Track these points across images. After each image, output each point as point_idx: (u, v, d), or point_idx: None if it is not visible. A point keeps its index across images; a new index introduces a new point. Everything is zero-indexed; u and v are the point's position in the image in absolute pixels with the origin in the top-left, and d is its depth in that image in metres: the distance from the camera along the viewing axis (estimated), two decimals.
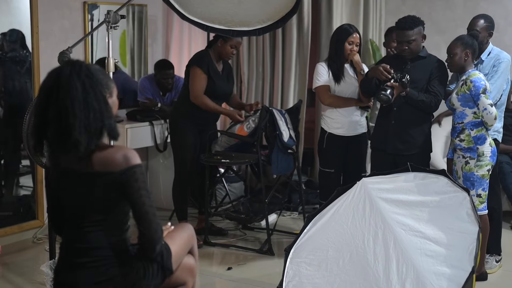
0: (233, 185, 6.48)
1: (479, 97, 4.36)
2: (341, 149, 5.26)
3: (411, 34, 4.65)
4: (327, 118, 5.29)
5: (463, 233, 3.67)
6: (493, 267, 4.86)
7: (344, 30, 5.21)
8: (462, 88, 4.44)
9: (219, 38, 5.29)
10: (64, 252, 2.78)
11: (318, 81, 5.22)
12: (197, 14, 4.82)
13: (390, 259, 3.66)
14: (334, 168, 5.27)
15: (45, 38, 5.61)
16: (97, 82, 2.63)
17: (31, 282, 4.62)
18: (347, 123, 5.23)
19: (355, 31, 5.18)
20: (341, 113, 5.22)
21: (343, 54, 5.15)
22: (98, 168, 2.62)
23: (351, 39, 5.12)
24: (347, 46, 5.12)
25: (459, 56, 4.48)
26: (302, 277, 3.88)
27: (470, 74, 4.45)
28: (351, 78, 5.19)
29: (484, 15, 5.03)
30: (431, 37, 6.64)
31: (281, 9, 5.12)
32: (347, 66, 5.21)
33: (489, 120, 4.40)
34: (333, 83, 5.18)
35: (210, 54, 5.34)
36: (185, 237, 3.11)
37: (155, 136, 6.11)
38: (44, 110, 2.60)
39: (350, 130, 5.25)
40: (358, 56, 5.13)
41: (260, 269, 4.96)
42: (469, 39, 4.52)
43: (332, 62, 5.19)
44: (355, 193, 4.07)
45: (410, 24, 4.64)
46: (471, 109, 4.44)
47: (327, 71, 5.19)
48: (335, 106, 5.21)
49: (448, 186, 3.96)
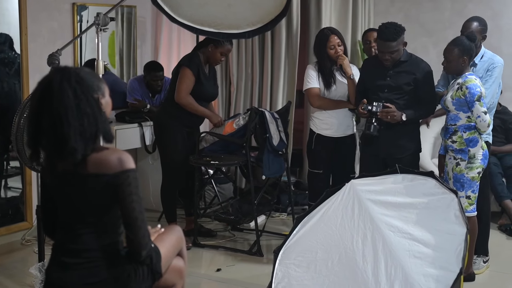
0: (222, 186, 6.48)
1: (474, 104, 4.37)
2: (329, 150, 5.28)
3: (394, 46, 4.62)
4: (316, 119, 5.32)
5: (451, 235, 3.69)
6: (481, 268, 4.89)
7: (320, 36, 5.24)
8: (457, 92, 4.43)
9: (210, 43, 5.29)
10: (56, 253, 2.78)
11: (309, 83, 5.23)
12: (187, 17, 4.82)
13: (378, 261, 3.67)
14: (322, 169, 5.29)
15: (34, 39, 5.60)
16: (88, 87, 2.63)
17: (20, 284, 4.61)
18: (335, 124, 5.25)
19: (332, 33, 5.17)
20: (330, 115, 5.25)
21: (328, 60, 5.16)
22: (92, 170, 2.63)
23: (330, 44, 5.13)
24: (330, 52, 5.14)
25: (456, 61, 4.46)
26: (291, 279, 3.89)
27: (467, 79, 4.41)
28: (340, 82, 5.21)
29: (478, 18, 5.04)
30: (419, 39, 6.70)
31: (270, 12, 5.12)
32: (336, 71, 5.23)
33: (482, 127, 4.42)
34: (323, 88, 5.20)
35: (199, 56, 5.34)
36: (174, 240, 3.12)
37: (144, 138, 6.10)
38: (37, 120, 2.61)
39: (339, 132, 5.27)
40: (347, 61, 5.14)
41: (249, 271, 4.96)
42: (467, 43, 4.47)
43: (321, 68, 5.21)
44: (344, 194, 4.09)
45: (393, 35, 4.59)
46: (465, 113, 4.44)
47: (317, 75, 5.21)
48: (325, 108, 5.24)
49: (436, 187, 3.97)
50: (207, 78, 5.39)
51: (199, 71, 5.27)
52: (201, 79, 5.30)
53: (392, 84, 4.72)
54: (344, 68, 5.12)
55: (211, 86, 5.47)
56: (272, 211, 6.25)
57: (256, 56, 6.56)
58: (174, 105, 5.33)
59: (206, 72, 5.40)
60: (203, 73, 5.33)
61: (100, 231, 2.70)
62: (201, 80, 5.30)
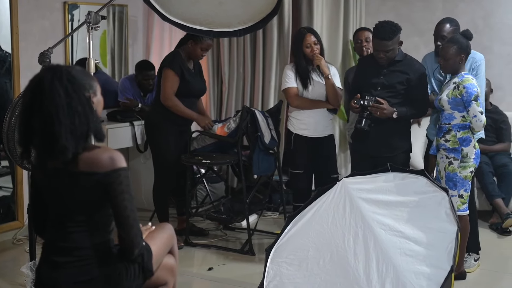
0: (214, 186, 6.47)
1: (470, 104, 4.37)
2: (308, 150, 5.28)
3: (390, 45, 4.64)
4: (293, 119, 5.33)
5: (442, 233, 3.70)
6: (472, 266, 4.90)
7: (297, 35, 5.27)
8: (454, 91, 4.43)
9: (190, 39, 5.28)
10: (46, 252, 2.78)
11: (287, 83, 5.24)
12: (178, 15, 4.81)
13: (370, 259, 3.68)
14: (303, 169, 5.29)
15: (25, 38, 5.58)
16: (80, 85, 2.62)
17: (11, 283, 4.60)
18: (313, 124, 5.25)
19: (308, 32, 5.19)
20: (307, 115, 5.25)
21: (304, 59, 5.17)
22: (83, 168, 2.62)
23: (306, 43, 5.15)
24: (306, 50, 5.15)
25: (453, 60, 4.46)
26: (283, 277, 3.89)
27: (464, 79, 4.42)
28: (317, 83, 5.21)
29: (449, 19, 5.07)
30: (410, 38, 6.70)
31: (262, 10, 5.12)
32: (312, 71, 5.23)
33: (477, 127, 4.43)
34: (301, 88, 5.21)
35: (181, 54, 5.34)
36: (165, 238, 3.12)
37: (135, 137, 6.09)
38: (28, 118, 2.60)
39: (317, 132, 5.28)
40: (323, 61, 5.14)
41: (241, 269, 4.96)
42: (463, 42, 4.48)
43: (298, 68, 5.22)
44: (336, 193, 4.09)
45: (389, 35, 4.60)
46: (460, 112, 4.45)
47: (295, 75, 5.22)
48: (303, 108, 5.24)
49: (427, 186, 3.98)
50: (193, 74, 5.38)
51: (182, 69, 5.26)
52: (186, 77, 5.29)
53: (385, 83, 4.74)
54: (321, 69, 5.12)
55: (198, 82, 5.46)
56: (264, 210, 6.25)
57: (247, 55, 6.56)
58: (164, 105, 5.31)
59: (191, 68, 5.39)
60: (187, 70, 5.32)
61: (91, 229, 2.70)
62: (186, 78, 5.28)
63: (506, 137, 6.31)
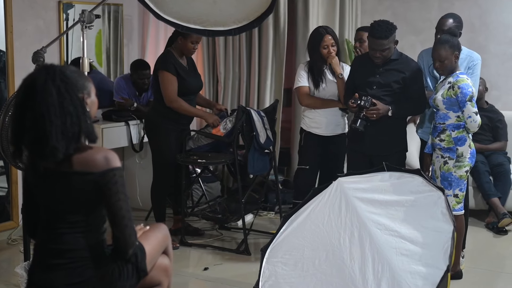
0: (210, 185, 6.47)
1: (465, 104, 4.36)
2: (317, 147, 5.29)
3: (386, 44, 4.63)
4: (306, 118, 5.36)
5: (438, 232, 3.69)
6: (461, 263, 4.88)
7: (315, 35, 5.26)
8: (448, 91, 4.41)
9: (179, 36, 5.27)
10: (39, 254, 2.76)
11: (299, 82, 5.26)
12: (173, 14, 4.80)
13: (366, 258, 3.67)
14: (308, 164, 5.30)
15: (19, 37, 5.56)
16: (73, 86, 2.60)
17: (6, 284, 4.58)
18: (324, 123, 5.26)
19: (326, 33, 5.19)
20: (319, 113, 5.27)
21: (320, 59, 5.18)
22: (78, 168, 2.61)
23: (324, 44, 5.15)
24: (323, 51, 5.15)
25: (449, 60, 4.43)
26: (278, 277, 3.88)
27: (459, 79, 4.40)
28: (330, 82, 5.21)
29: (453, 14, 5.04)
30: (407, 37, 6.70)
31: (256, 9, 5.10)
32: (326, 70, 5.23)
33: (472, 127, 4.42)
34: (312, 87, 5.21)
35: (172, 52, 5.32)
36: (160, 238, 3.10)
37: (131, 136, 6.07)
38: (20, 118, 2.59)
39: (328, 130, 5.29)
40: (337, 59, 5.16)
41: (237, 269, 4.95)
42: (454, 40, 4.47)
43: (312, 68, 5.21)
44: (331, 192, 4.08)
45: (385, 33, 4.60)
46: (455, 112, 4.43)
47: (307, 74, 5.22)
48: (313, 107, 5.26)
49: (423, 185, 3.97)
50: (187, 71, 5.37)
51: (176, 68, 5.25)
52: (182, 75, 5.28)
53: (381, 82, 4.73)
54: (333, 67, 5.14)
55: (194, 78, 5.45)
56: (260, 210, 6.24)
57: (243, 54, 6.55)
58: (164, 105, 5.30)
59: (185, 65, 5.38)
60: (182, 68, 5.31)
61: (83, 230, 2.69)
62: (182, 76, 5.27)
63: (502, 136, 6.31)
